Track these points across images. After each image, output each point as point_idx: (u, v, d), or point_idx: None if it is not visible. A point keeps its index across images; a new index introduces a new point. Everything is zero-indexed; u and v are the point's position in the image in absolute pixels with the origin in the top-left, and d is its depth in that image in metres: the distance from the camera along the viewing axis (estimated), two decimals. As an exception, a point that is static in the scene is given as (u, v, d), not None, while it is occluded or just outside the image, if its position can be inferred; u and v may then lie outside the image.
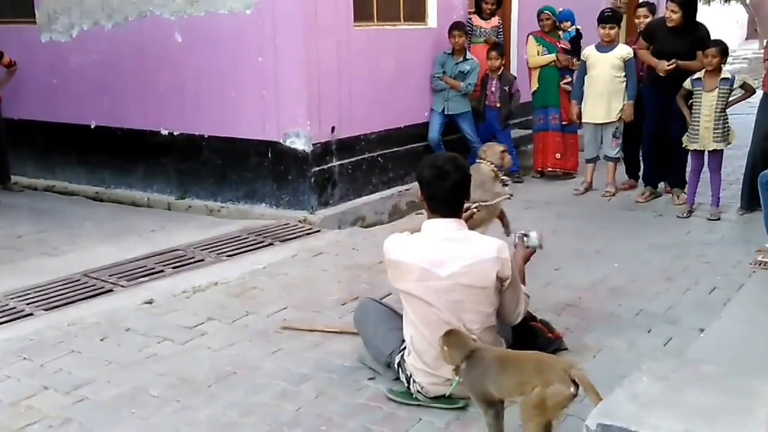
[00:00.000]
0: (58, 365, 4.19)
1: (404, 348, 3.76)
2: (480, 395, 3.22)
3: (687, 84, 6.98)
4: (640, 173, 8.27)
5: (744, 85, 7.06)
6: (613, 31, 7.84)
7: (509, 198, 5.54)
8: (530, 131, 9.42)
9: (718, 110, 6.84)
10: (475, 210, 4.25)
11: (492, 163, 5.50)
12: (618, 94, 7.83)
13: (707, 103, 6.85)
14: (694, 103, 6.97)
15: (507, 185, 5.59)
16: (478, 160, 5.60)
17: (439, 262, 3.52)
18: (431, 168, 3.63)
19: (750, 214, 6.98)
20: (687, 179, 7.46)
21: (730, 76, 6.93)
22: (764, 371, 2.07)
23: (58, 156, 8.73)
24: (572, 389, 2.93)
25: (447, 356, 3.29)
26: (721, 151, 7.03)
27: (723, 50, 6.87)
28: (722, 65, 6.91)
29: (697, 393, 2.68)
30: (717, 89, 6.81)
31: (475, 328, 3.57)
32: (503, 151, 5.56)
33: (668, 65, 7.20)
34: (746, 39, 33.31)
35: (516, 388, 3.07)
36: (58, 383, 3.98)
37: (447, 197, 3.61)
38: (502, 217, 5.61)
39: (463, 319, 3.54)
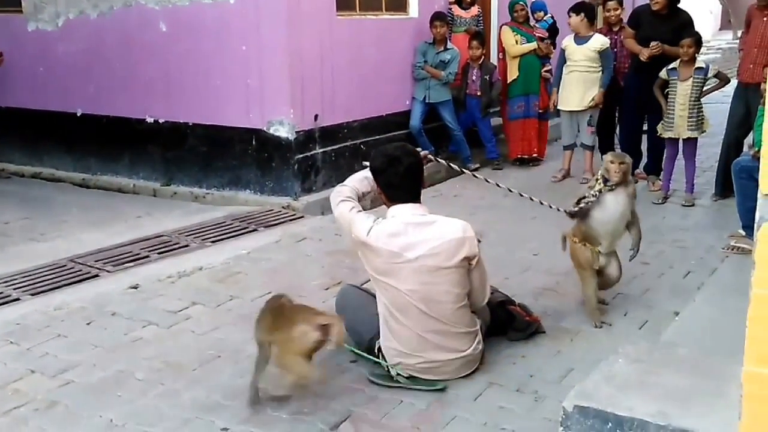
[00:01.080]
0: (44, 349, 4.23)
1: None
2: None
3: (663, 74, 7.07)
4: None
5: (718, 75, 7.16)
6: (578, 19, 7.93)
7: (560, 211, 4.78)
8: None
9: (693, 99, 6.94)
10: (431, 157, 4.16)
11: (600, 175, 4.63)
12: (593, 83, 7.92)
13: (682, 92, 6.94)
14: (669, 92, 7.05)
15: (582, 205, 4.67)
16: None
17: (407, 245, 3.58)
18: (381, 157, 3.69)
19: (723, 200, 7.10)
20: (663, 166, 7.58)
21: (704, 65, 7.02)
22: (737, 354, 2.14)
23: (44, 143, 8.74)
24: (317, 333, 3.38)
25: None
26: (696, 139, 7.13)
27: (697, 41, 6.99)
28: (696, 55, 7.01)
29: (672, 375, 2.70)
30: (691, 78, 6.91)
31: (447, 308, 3.64)
32: (611, 161, 4.52)
33: (650, 50, 7.29)
34: (720, 29, 33.25)
35: (269, 331, 3.51)
36: (45, 367, 4.01)
37: (402, 183, 3.67)
38: (630, 224, 4.70)
39: (433, 300, 3.61)
